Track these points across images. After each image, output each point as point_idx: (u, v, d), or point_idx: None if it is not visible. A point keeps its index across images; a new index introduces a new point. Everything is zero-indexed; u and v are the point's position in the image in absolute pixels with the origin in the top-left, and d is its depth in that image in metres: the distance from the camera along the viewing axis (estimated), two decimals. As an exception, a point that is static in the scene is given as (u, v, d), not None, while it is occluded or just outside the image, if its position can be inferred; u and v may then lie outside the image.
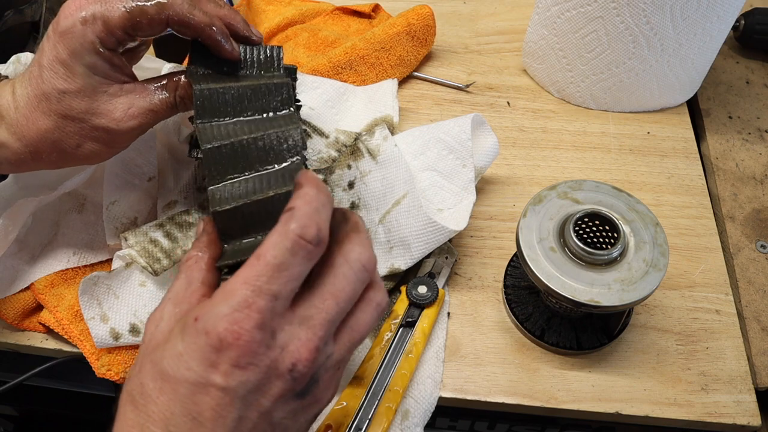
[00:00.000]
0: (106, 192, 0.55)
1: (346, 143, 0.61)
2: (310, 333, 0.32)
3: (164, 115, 0.47)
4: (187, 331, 0.31)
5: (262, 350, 0.31)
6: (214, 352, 0.30)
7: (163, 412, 0.31)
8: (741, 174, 0.66)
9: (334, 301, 0.33)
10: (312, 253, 0.32)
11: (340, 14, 0.80)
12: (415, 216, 0.54)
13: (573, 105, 0.72)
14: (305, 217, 0.32)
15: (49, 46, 0.43)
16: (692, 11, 0.60)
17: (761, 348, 0.54)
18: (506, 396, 0.51)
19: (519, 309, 0.55)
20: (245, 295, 0.31)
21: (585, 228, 0.51)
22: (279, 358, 0.31)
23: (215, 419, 0.31)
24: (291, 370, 0.32)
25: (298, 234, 0.31)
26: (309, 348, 0.32)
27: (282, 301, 0.31)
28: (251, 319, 0.30)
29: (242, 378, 0.31)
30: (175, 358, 0.31)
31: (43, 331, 0.55)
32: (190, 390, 0.31)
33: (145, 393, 0.31)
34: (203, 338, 0.31)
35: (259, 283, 0.31)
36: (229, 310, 0.30)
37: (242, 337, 0.30)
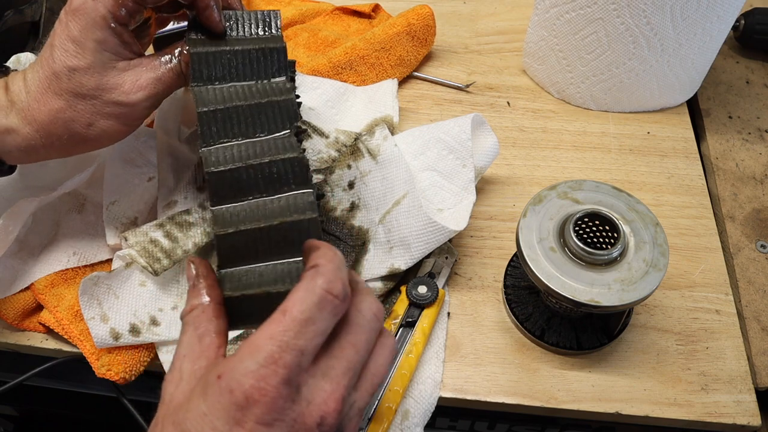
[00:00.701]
0: (106, 192, 0.55)
1: (346, 143, 0.61)
2: (334, 384, 0.32)
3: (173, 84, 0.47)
4: (210, 390, 0.31)
5: (288, 405, 0.31)
6: (239, 410, 0.30)
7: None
8: (741, 174, 0.66)
9: (354, 350, 0.33)
10: (338, 308, 0.32)
11: (340, 14, 0.80)
12: (415, 216, 0.54)
13: (573, 105, 0.72)
14: (331, 274, 0.32)
15: (60, 27, 0.45)
16: (692, 11, 0.60)
17: (761, 348, 0.54)
18: (506, 396, 0.51)
19: (519, 309, 0.55)
20: (271, 350, 0.30)
21: (585, 228, 0.51)
22: (306, 413, 0.31)
23: None
24: (320, 424, 0.31)
25: (326, 289, 0.32)
26: (335, 399, 0.32)
27: (308, 357, 0.31)
28: (277, 375, 0.30)
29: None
30: (199, 418, 0.31)
31: (43, 331, 0.55)
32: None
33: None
34: (227, 396, 0.30)
35: (285, 339, 0.31)
36: (254, 366, 0.30)
37: (268, 393, 0.30)
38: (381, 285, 0.55)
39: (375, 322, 0.35)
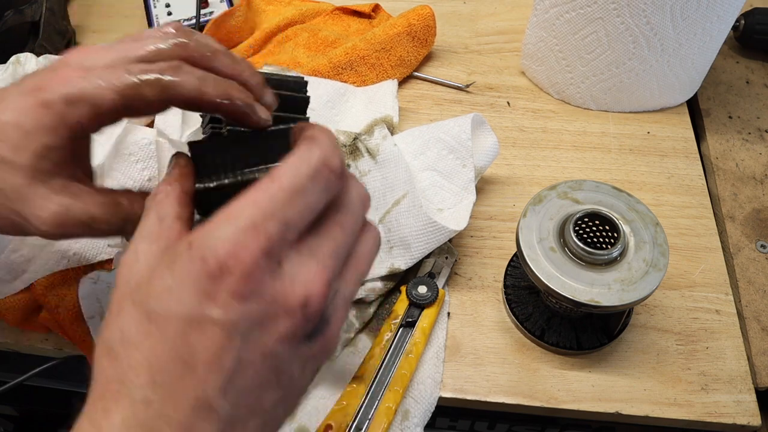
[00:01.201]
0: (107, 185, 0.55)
1: (345, 143, 0.61)
2: (320, 264, 0.29)
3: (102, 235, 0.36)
4: (178, 260, 0.27)
5: (268, 280, 0.27)
6: (211, 280, 0.26)
7: (147, 359, 0.26)
8: (741, 174, 0.66)
9: (342, 232, 0.30)
10: (332, 185, 0.29)
11: (340, 14, 0.80)
12: (415, 216, 0.54)
13: (573, 105, 0.72)
14: (328, 146, 0.29)
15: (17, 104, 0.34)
16: (692, 11, 0.60)
17: (761, 348, 0.54)
18: (506, 396, 0.51)
19: (519, 309, 0.55)
20: (254, 217, 0.27)
21: (585, 228, 0.51)
22: (289, 291, 0.28)
23: (210, 362, 0.26)
24: (303, 305, 0.28)
25: (323, 161, 0.28)
26: (322, 280, 0.28)
27: (293, 232, 0.28)
28: (258, 243, 0.27)
29: (243, 309, 0.27)
30: (164, 293, 0.27)
31: (43, 331, 0.55)
32: (181, 328, 0.26)
33: (126, 340, 0.27)
34: (198, 265, 0.26)
35: (271, 207, 0.27)
36: (232, 232, 0.27)
37: (245, 262, 0.26)
38: (381, 285, 0.55)
39: (362, 208, 0.32)
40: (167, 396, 0.26)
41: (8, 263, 0.54)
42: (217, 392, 0.27)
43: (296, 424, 0.50)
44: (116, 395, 0.26)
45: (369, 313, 0.54)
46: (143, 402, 0.26)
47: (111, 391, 0.27)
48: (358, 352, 0.53)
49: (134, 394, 0.26)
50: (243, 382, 0.27)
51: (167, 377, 0.26)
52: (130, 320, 0.27)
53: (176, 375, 0.26)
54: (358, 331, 0.54)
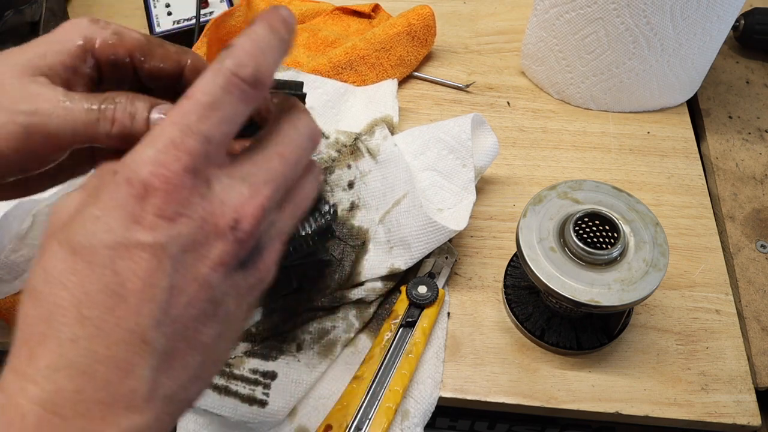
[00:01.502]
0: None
1: (345, 143, 0.61)
2: (253, 190, 0.28)
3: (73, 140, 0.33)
4: (103, 189, 0.26)
5: (196, 199, 0.26)
6: (137, 202, 0.25)
7: (74, 295, 0.25)
8: (741, 174, 0.66)
9: (281, 162, 0.29)
10: (248, 95, 0.28)
11: (340, 14, 0.80)
12: (415, 216, 0.54)
13: (573, 105, 0.72)
14: (244, 55, 0.28)
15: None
16: (692, 11, 0.60)
17: (761, 348, 0.54)
18: (506, 396, 0.51)
19: (519, 309, 0.55)
20: (172, 135, 0.26)
21: (585, 228, 0.51)
22: (218, 212, 0.27)
23: (142, 290, 0.25)
24: (233, 228, 0.27)
25: (232, 71, 0.27)
26: (254, 205, 0.28)
27: (215, 146, 0.27)
28: (180, 161, 0.26)
29: (172, 231, 0.26)
30: (90, 223, 0.26)
31: (43, 331, 0.54)
32: (109, 256, 0.25)
33: (51, 278, 0.26)
34: (124, 189, 0.26)
35: (187, 122, 0.26)
36: (153, 152, 0.26)
37: (170, 180, 0.25)
38: (381, 285, 0.55)
39: (309, 142, 0.31)
40: (97, 331, 0.25)
41: (8, 263, 0.54)
42: (151, 323, 0.25)
43: (296, 424, 0.50)
44: (41, 338, 0.25)
45: (369, 313, 0.54)
46: (71, 340, 0.25)
47: (36, 334, 0.25)
48: (358, 352, 0.53)
49: (61, 334, 0.25)
50: (177, 311, 0.26)
51: (96, 311, 0.25)
52: (54, 258, 0.26)
53: (106, 308, 0.25)
54: (358, 331, 0.54)
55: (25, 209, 0.53)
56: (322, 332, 0.53)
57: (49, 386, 0.24)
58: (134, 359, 0.25)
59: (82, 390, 0.24)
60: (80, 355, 0.25)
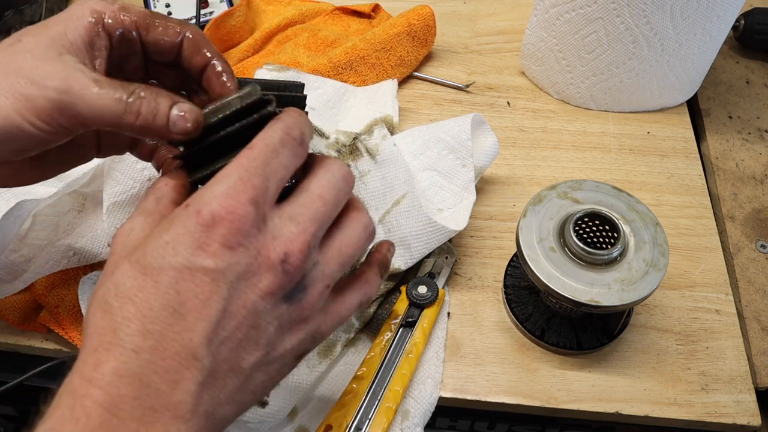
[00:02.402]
0: (106, 192, 0.55)
1: (345, 143, 0.61)
2: (300, 228, 0.32)
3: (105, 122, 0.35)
4: (175, 219, 0.30)
5: (254, 232, 0.30)
6: (204, 231, 0.29)
7: (140, 310, 0.28)
8: (741, 174, 0.66)
9: (321, 202, 0.33)
10: (297, 150, 0.33)
11: (340, 14, 0.80)
12: (415, 216, 0.54)
13: (573, 105, 0.72)
14: (290, 120, 0.33)
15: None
16: (692, 11, 0.60)
17: (761, 348, 0.54)
18: (506, 396, 0.51)
19: (519, 309, 0.55)
20: (240, 174, 0.30)
21: (585, 228, 0.51)
22: (270, 246, 0.30)
23: (198, 310, 0.28)
24: (283, 261, 0.30)
25: (284, 131, 0.33)
26: (301, 241, 0.31)
27: (273, 186, 0.31)
28: (246, 193, 0.30)
29: (231, 259, 0.29)
30: (161, 247, 0.29)
31: (43, 331, 0.55)
32: (174, 278, 0.29)
33: (121, 293, 0.29)
34: (194, 219, 0.29)
35: (253, 165, 0.31)
36: (224, 187, 0.30)
37: (236, 211, 0.29)
38: (381, 285, 0.55)
39: (343, 183, 0.34)
40: (156, 344, 0.28)
41: (8, 263, 0.54)
42: (202, 340, 0.28)
43: (296, 424, 0.50)
44: (108, 346, 0.28)
45: (369, 313, 0.54)
46: (134, 350, 0.28)
47: (104, 342, 0.28)
48: (358, 352, 0.53)
49: (125, 343, 0.28)
50: (225, 333, 0.29)
51: (158, 325, 0.28)
52: (126, 276, 0.29)
53: (166, 323, 0.28)
54: (358, 331, 0.54)
55: (25, 209, 0.53)
56: (322, 332, 0.53)
57: (112, 391, 0.27)
58: (184, 373, 0.28)
59: (140, 397, 0.28)
60: (140, 365, 0.28)
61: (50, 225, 0.57)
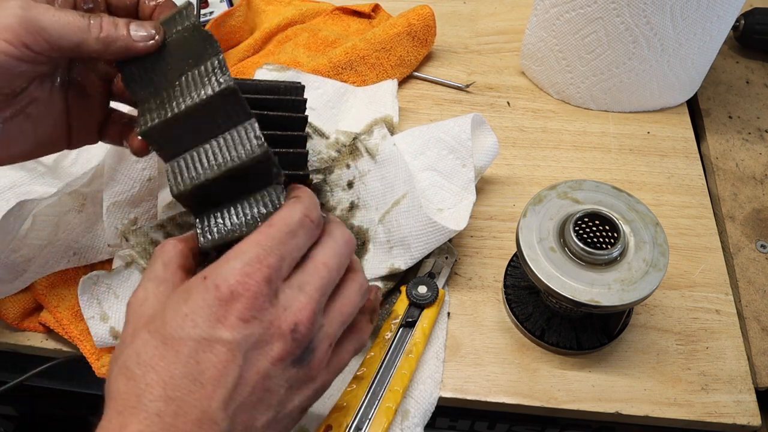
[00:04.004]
0: (106, 192, 0.55)
1: (345, 143, 0.61)
2: (308, 297, 0.34)
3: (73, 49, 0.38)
4: (193, 291, 0.32)
5: (267, 306, 0.32)
6: (222, 305, 0.31)
7: (162, 378, 0.30)
8: (741, 174, 0.66)
9: (326, 270, 0.35)
10: (313, 232, 0.36)
11: (340, 14, 0.80)
12: (415, 216, 0.54)
13: (573, 105, 0.72)
14: (309, 202, 0.36)
15: None
16: (692, 11, 0.60)
17: (761, 348, 0.54)
18: (506, 396, 0.51)
19: (519, 309, 0.55)
20: (258, 252, 0.33)
21: (585, 228, 0.51)
22: (282, 317, 0.33)
23: (217, 378, 0.31)
24: (293, 330, 0.33)
25: (305, 213, 0.35)
26: (309, 310, 0.34)
27: (287, 265, 0.34)
28: (261, 272, 0.32)
29: (246, 332, 0.31)
30: (180, 319, 0.31)
31: (43, 331, 0.55)
32: (194, 348, 0.31)
33: (142, 362, 0.31)
34: (213, 293, 0.31)
35: (270, 244, 0.33)
36: (241, 264, 0.32)
37: (251, 288, 0.31)
38: (381, 285, 0.55)
39: (346, 248, 0.37)
40: (177, 409, 0.30)
41: (8, 263, 0.54)
42: (220, 406, 0.30)
43: (296, 424, 0.50)
44: (132, 410, 0.30)
45: (369, 313, 0.54)
46: (157, 415, 0.29)
47: (128, 407, 0.30)
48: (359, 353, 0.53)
49: (149, 408, 0.30)
50: (241, 398, 0.31)
51: (179, 392, 0.30)
52: (147, 345, 0.31)
53: (187, 390, 0.30)
54: (358, 331, 0.54)
55: (25, 209, 0.53)
56: (322, 332, 0.53)
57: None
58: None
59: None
60: (164, 428, 0.29)
61: (50, 225, 0.57)
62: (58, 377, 0.65)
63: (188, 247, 0.38)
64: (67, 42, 0.37)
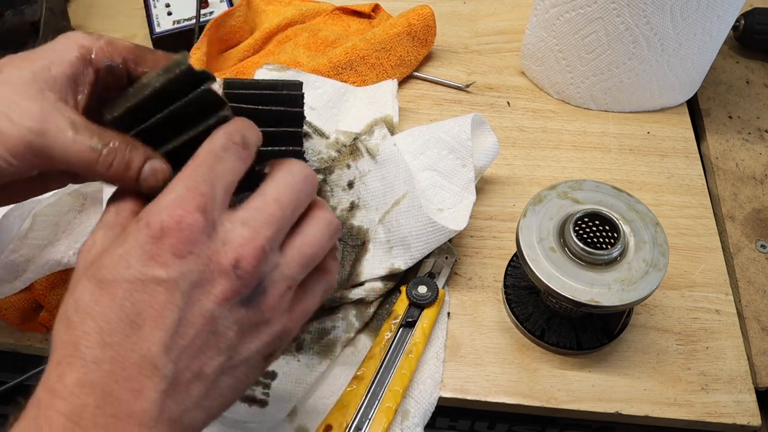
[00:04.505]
0: (106, 192, 0.55)
1: (345, 143, 0.61)
2: (253, 232, 0.31)
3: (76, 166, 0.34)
4: (128, 233, 0.30)
5: (204, 239, 0.30)
6: (155, 242, 0.29)
7: (98, 323, 0.29)
8: (741, 174, 0.66)
9: (277, 204, 0.33)
10: (241, 154, 0.33)
11: (340, 14, 0.80)
12: (415, 216, 0.54)
13: (573, 105, 0.72)
14: (231, 127, 0.34)
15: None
16: (692, 11, 0.60)
17: (761, 348, 0.54)
18: (506, 396, 0.51)
19: (519, 309, 0.55)
20: (186, 184, 0.31)
21: (585, 228, 0.51)
22: (221, 251, 0.31)
23: (154, 319, 0.29)
24: (235, 266, 0.31)
25: (227, 137, 0.33)
26: (254, 246, 0.31)
27: (221, 191, 0.31)
28: (193, 201, 0.30)
29: (183, 268, 0.29)
30: (115, 261, 0.30)
31: (43, 331, 0.55)
32: (128, 290, 0.29)
33: (80, 308, 0.30)
34: (144, 232, 0.30)
35: (198, 172, 0.31)
36: (170, 199, 0.30)
37: (183, 220, 0.30)
38: (381, 285, 0.55)
39: (305, 183, 0.34)
40: (115, 355, 0.29)
41: (8, 263, 0.54)
42: (161, 349, 0.29)
43: (296, 424, 0.50)
44: (70, 359, 0.29)
45: (369, 313, 0.54)
46: (94, 362, 0.28)
47: (66, 356, 0.29)
48: (358, 352, 0.53)
49: (86, 356, 0.29)
50: (184, 341, 0.30)
51: (116, 337, 0.29)
52: (84, 291, 0.30)
53: (124, 334, 0.29)
54: (358, 331, 0.54)
55: (25, 209, 0.53)
56: (322, 332, 0.53)
57: (75, 401, 0.28)
58: (145, 382, 0.29)
59: (102, 406, 0.28)
60: (101, 375, 0.28)
61: (50, 225, 0.57)
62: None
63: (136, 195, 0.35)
64: (70, 169, 0.35)
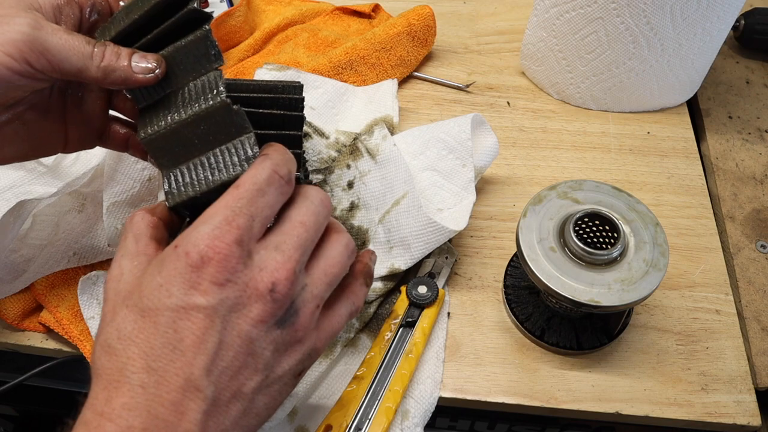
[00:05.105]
0: (106, 192, 0.55)
1: (345, 143, 0.61)
2: (285, 256, 0.33)
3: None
4: (165, 261, 0.32)
5: (240, 267, 0.32)
6: (194, 271, 0.31)
7: (142, 350, 0.30)
8: (741, 174, 0.66)
9: (303, 228, 0.35)
10: (284, 188, 0.34)
11: (340, 14, 0.80)
12: (415, 216, 0.54)
13: (573, 105, 0.72)
14: (278, 158, 0.35)
15: None
16: (692, 11, 0.60)
17: (761, 348, 0.54)
18: (506, 396, 0.51)
19: (519, 309, 0.55)
20: (226, 215, 0.32)
21: (585, 228, 0.51)
22: (258, 278, 0.32)
23: (196, 345, 0.31)
24: (271, 290, 0.32)
25: (273, 169, 0.34)
26: (287, 269, 0.33)
27: (258, 224, 0.33)
28: (231, 234, 0.31)
29: (221, 295, 0.31)
30: (155, 290, 0.31)
31: (43, 331, 0.55)
32: (171, 317, 0.31)
33: (123, 336, 0.31)
34: (183, 260, 0.31)
35: (239, 205, 0.32)
36: (209, 228, 0.32)
37: (222, 251, 0.31)
38: (381, 285, 0.55)
39: (322, 207, 0.36)
40: (160, 379, 0.30)
41: (8, 263, 0.54)
42: (202, 372, 0.31)
43: (296, 424, 0.50)
44: (116, 384, 0.30)
45: (369, 313, 0.54)
46: (140, 386, 0.30)
47: (112, 382, 0.30)
48: (358, 352, 0.53)
49: (132, 381, 0.30)
50: (224, 363, 0.31)
51: (160, 363, 0.30)
52: (125, 321, 0.31)
53: (167, 359, 0.30)
54: (358, 331, 0.54)
55: (25, 209, 0.53)
56: (322, 332, 0.53)
57: (122, 423, 0.29)
58: (188, 404, 0.30)
59: (148, 428, 0.29)
60: (147, 398, 0.30)
61: (50, 225, 0.57)
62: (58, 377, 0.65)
63: (158, 217, 0.37)
64: (69, 66, 0.37)
